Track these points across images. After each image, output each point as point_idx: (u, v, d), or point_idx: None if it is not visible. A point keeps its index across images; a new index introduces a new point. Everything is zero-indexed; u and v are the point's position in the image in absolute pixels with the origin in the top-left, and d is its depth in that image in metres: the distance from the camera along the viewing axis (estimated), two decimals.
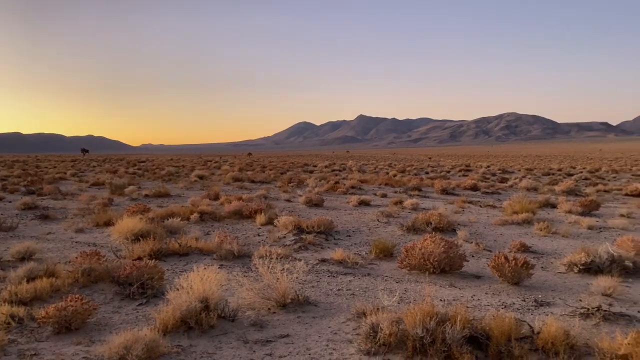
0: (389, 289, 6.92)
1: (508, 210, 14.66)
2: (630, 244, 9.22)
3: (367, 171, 41.85)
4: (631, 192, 22.16)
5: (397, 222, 12.97)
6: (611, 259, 8.00)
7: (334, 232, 11.51)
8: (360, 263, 8.55)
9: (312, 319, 5.74)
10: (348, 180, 27.66)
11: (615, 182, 30.15)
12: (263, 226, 12.22)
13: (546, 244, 10.61)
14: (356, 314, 5.63)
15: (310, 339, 5.14)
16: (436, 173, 39.17)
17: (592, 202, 15.79)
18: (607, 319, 5.62)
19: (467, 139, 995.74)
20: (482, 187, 23.94)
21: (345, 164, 57.80)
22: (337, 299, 6.55)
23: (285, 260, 7.70)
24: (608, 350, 4.46)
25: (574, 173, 39.59)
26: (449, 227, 12.06)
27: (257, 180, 28.37)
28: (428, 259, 7.76)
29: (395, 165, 53.29)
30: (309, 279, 7.44)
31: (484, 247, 10.02)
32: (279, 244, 10.00)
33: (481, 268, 8.36)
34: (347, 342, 5.02)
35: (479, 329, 4.68)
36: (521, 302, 6.45)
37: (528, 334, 4.80)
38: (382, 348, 4.65)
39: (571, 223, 13.30)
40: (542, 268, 8.48)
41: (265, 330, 5.41)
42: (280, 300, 6.02)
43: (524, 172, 41.29)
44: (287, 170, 42.05)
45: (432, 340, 4.45)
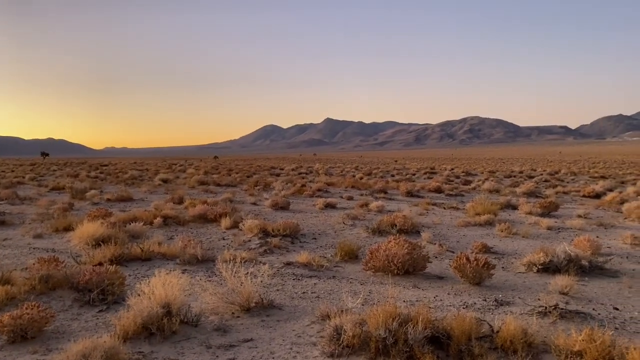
0: (353, 291, 6.96)
1: (471, 212, 14.97)
2: (587, 244, 9.54)
3: (333, 174, 42.01)
4: (588, 193, 22.97)
5: (362, 225, 13.07)
6: (568, 258, 8.25)
7: (300, 235, 11.50)
8: (326, 266, 8.57)
9: (277, 323, 5.72)
10: (315, 183, 27.71)
11: (573, 184, 31.18)
12: (228, 230, 12.11)
13: (507, 245, 10.87)
14: (320, 317, 5.64)
15: (274, 343, 5.12)
16: (402, 176, 39.63)
17: (551, 204, 16.28)
18: (563, 316, 5.79)
19: (432, 142, 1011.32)
20: (446, 190, 24.37)
21: (312, 167, 57.85)
22: (301, 302, 6.55)
23: (250, 264, 7.67)
24: (564, 347, 4.60)
25: (535, 175, 40.73)
26: (414, 229, 12.22)
27: (223, 183, 28.10)
28: (392, 261, 7.84)
29: (361, 168, 53.65)
30: (274, 283, 7.41)
31: (447, 249, 10.20)
32: (244, 248, 9.92)
33: (444, 269, 8.50)
34: (311, 344, 5.02)
35: (440, 329, 4.76)
36: (482, 301, 6.59)
37: (488, 333, 4.91)
38: (346, 350, 4.67)
39: (531, 224, 13.68)
40: (502, 268, 8.68)
41: (228, 334, 5.36)
42: (245, 305, 5.98)
43: (487, 174, 42.21)
44: (254, 173, 41.79)
45: (395, 341, 4.50)
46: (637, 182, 31.40)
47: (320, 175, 37.85)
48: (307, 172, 44.54)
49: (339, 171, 47.76)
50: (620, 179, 35.66)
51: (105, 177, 35.41)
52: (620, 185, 29.42)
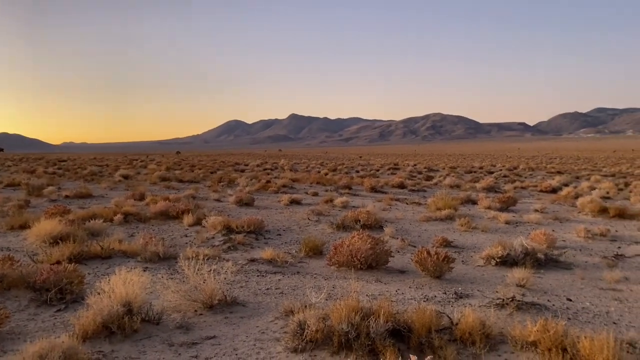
0: (317, 286, 7.01)
1: (432, 207, 15.25)
2: (543, 237, 9.88)
3: (299, 170, 42.03)
4: (545, 188, 23.73)
5: (327, 220, 13.14)
6: (525, 252, 8.54)
7: (264, 232, 11.49)
8: (290, 262, 8.60)
9: (240, 319, 5.72)
10: (280, 179, 27.66)
11: (531, 179, 32.11)
12: (191, 227, 11.97)
13: (467, 239, 11.15)
14: (284, 313, 5.66)
15: (238, 339, 5.11)
16: (366, 172, 39.98)
17: (509, 199, 16.75)
18: (520, 308, 5.98)
19: (396, 138, 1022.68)
20: (409, 185, 24.74)
21: (277, 163, 57.69)
22: (265, 298, 6.56)
23: (213, 261, 7.61)
24: (519, 338, 4.76)
25: (494, 171, 41.77)
26: (377, 224, 12.37)
27: (185, 179, 27.71)
28: (355, 256, 7.93)
29: (326, 164, 53.85)
30: (237, 279, 7.39)
31: (409, 243, 10.38)
32: (207, 245, 9.84)
33: (406, 263, 8.65)
34: (274, 340, 5.04)
35: (401, 322, 4.85)
36: (442, 294, 6.75)
37: (448, 325, 5.03)
38: (309, 345, 4.71)
39: (490, 218, 14.05)
40: (462, 262, 8.90)
41: (191, 332, 5.32)
42: (207, 302, 5.94)
43: (448, 170, 43.04)
44: (217, 169, 41.38)
45: (357, 334, 4.57)
46: (591, 177, 32.63)
47: (286, 171, 37.80)
48: (272, 168, 44.41)
49: (304, 167, 47.82)
50: (575, 174, 36.96)
51: (64, 173, 34.37)
52: (575, 180, 30.53)
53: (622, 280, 7.65)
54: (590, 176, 33.84)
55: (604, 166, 52.96)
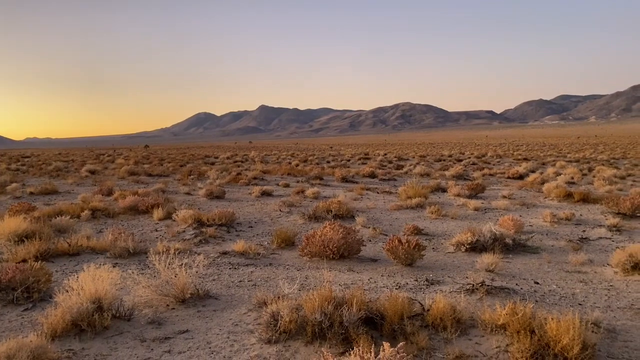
0: (290, 277, 7.02)
1: (403, 196, 15.41)
2: (511, 223, 10.11)
3: (269, 162, 41.85)
4: (512, 175, 24.24)
5: (299, 211, 13.14)
6: (494, 237, 8.72)
7: (235, 224, 11.41)
8: (262, 253, 8.58)
9: (213, 313, 5.68)
10: (250, 171, 27.50)
11: (499, 166, 32.76)
12: (161, 221, 11.81)
13: (437, 226, 11.31)
14: (257, 304, 5.65)
15: (211, 333, 5.08)
16: (337, 162, 40.09)
17: (478, 186, 17.05)
18: (489, 292, 6.12)
19: (366, 128, 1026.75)
20: (380, 174, 24.91)
21: (247, 154, 57.30)
22: (238, 291, 6.53)
23: (184, 255, 7.52)
24: (489, 322, 4.87)
25: (463, 159, 42.41)
26: (349, 214, 12.44)
27: (154, 173, 27.26)
28: (328, 246, 7.96)
29: (297, 155, 53.76)
30: (209, 273, 7.33)
31: (381, 232, 10.47)
32: (178, 239, 9.73)
33: (378, 252, 8.73)
34: (248, 332, 5.03)
35: (374, 310, 4.90)
36: (414, 282, 6.84)
37: (419, 311, 5.11)
38: (283, 335, 4.72)
39: (460, 205, 14.28)
40: (433, 249, 9.04)
41: (163, 327, 5.26)
42: (179, 296, 5.88)
43: (418, 158, 43.54)
44: (187, 162, 40.85)
45: (331, 324, 4.59)
46: (556, 163, 33.46)
47: (256, 163, 37.59)
48: (242, 160, 44.08)
49: (275, 159, 47.64)
50: (541, 161, 37.86)
51: (28, 169, 33.36)
52: (541, 167, 31.27)
53: (586, 263, 7.90)
54: (555, 162, 34.70)
55: (569, 152, 54.40)
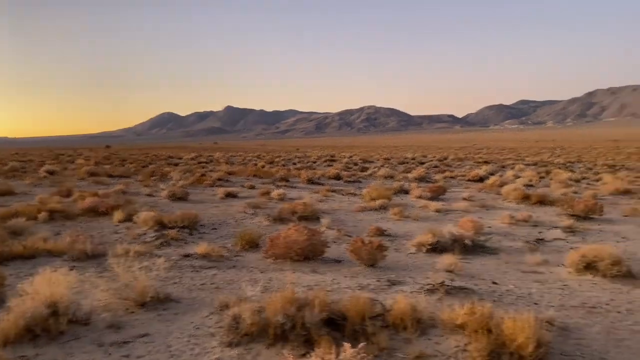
0: (253, 279, 6.98)
1: (367, 198, 15.56)
2: (470, 224, 10.34)
3: (235, 163, 41.53)
4: (473, 177, 24.79)
5: (264, 213, 13.08)
6: (454, 238, 8.92)
7: (198, 226, 11.28)
8: (226, 256, 8.50)
9: (174, 316, 5.60)
10: (215, 172, 27.22)
11: (460, 169, 33.43)
12: (121, 223, 11.56)
13: (399, 227, 11.47)
14: (219, 307, 5.60)
15: (172, 336, 5.01)
16: (303, 164, 40.13)
17: (439, 188, 17.38)
18: (449, 292, 6.23)
19: (332, 130, 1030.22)
20: (345, 176, 25.08)
21: (212, 155, 56.68)
22: (200, 294, 6.45)
23: (145, 258, 7.39)
24: (448, 321, 4.97)
25: (426, 161, 43.13)
26: (314, 216, 12.47)
27: (115, 174, 26.64)
28: (292, 248, 7.97)
29: (263, 157, 53.55)
30: (171, 276, 7.21)
31: (345, 233, 10.54)
32: (139, 241, 9.54)
33: (342, 253, 8.77)
34: (209, 335, 4.98)
35: (336, 311, 4.93)
36: (376, 282, 6.91)
37: (381, 312, 5.16)
38: (245, 338, 4.70)
39: (421, 207, 14.52)
40: (395, 250, 9.16)
41: (122, 331, 5.16)
42: (139, 299, 5.77)
43: (382, 161, 44.01)
44: (150, 163, 40.12)
45: (293, 325, 4.60)
46: (515, 166, 34.42)
47: (221, 165, 37.23)
48: (207, 162, 43.57)
49: (241, 160, 47.31)
50: (500, 164, 38.85)
51: None
52: (500, 170, 32.08)
53: (542, 263, 8.15)
54: (514, 165, 35.69)
55: (527, 156, 56.04)
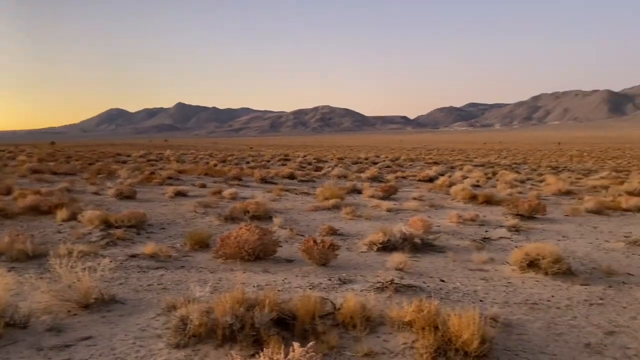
0: (202, 279, 6.85)
1: (320, 197, 15.61)
2: (420, 224, 10.55)
3: (186, 161, 40.75)
4: (423, 177, 25.31)
5: (215, 212, 12.90)
6: (404, 237, 9.07)
7: (146, 226, 10.99)
8: (174, 256, 8.33)
9: (119, 318, 5.43)
10: (165, 170, 26.61)
11: (411, 169, 34.09)
12: (65, 222, 11.11)
13: (352, 227, 11.56)
14: (166, 308, 5.47)
15: (116, 339, 4.85)
16: (257, 162, 39.83)
17: (391, 188, 17.65)
18: (398, 290, 6.34)
19: (287, 129, 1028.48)
20: (299, 176, 25.08)
21: (162, 153, 55.40)
22: (147, 295, 6.28)
23: (89, 258, 7.16)
24: (397, 319, 5.05)
25: (378, 162, 43.71)
26: (266, 215, 12.40)
27: (60, 172, 25.58)
28: (243, 247, 7.89)
29: (216, 155, 52.79)
30: (116, 276, 6.99)
31: (297, 232, 10.53)
32: (84, 241, 9.20)
33: (294, 252, 8.76)
34: (156, 337, 4.86)
35: (286, 310, 4.91)
36: (327, 281, 6.94)
37: (331, 310, 5.19)
38: (192, 339, 4.61)
39: (373, 207, 14.70)
40: (347, 249, 9.23)
41: (63, 334, 4.95)
42: (82, 301, 5.56)
43: (336, 161, 44.27)
44: (97, 160, 38.78)
45: (242, 326, 4.54)
46: (464, 167, 35.39)
47: (172, 163, 36.44)
48: (157, 159, 42.53)
49: (192, 158, 46.47)
50: (450, 165, 39.86)
51: None
52: (450, 170, 32.90)
53: (488, 261, 8.41)
54: (463, 166, 36.69)
55: (475, 157, 57.77)
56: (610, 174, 30.14)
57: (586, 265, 7.86)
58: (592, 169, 37.48)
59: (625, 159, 59.65)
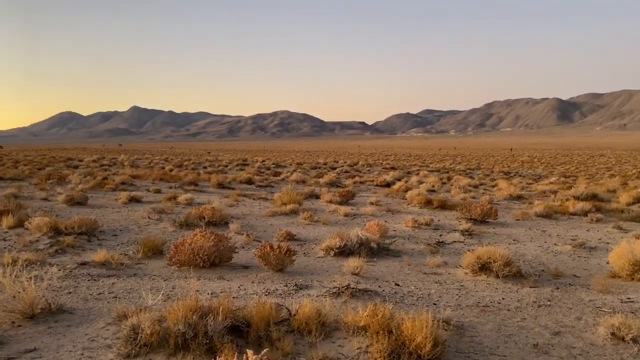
0: (155, 287, 6.71)
1: (278, 202, 15.56)
2: (376, 228, 10.66)
3: (140, 166, 39.79)
4: (380, 183, 25.61)
5: (170, 218, 12.66)
6: (360, 242, 9.14)
7: (98, 232, 10.67)
8: (127, 263, 8.11)
9: (67, 328, 5.24)
10: (118, 175, 25.90)
11: (369, 175, 34.41)
12: (11, 229, 10.65)
13: (309, 232, 11.58)
14: (117, 318, 5.32)
15: (63, 350, 4.68)
16: (214, 167, 39.29)
17: (349, 193, 17.78)
18: (354, 295, 6.38)
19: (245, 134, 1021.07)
20: (257, 181, 24.91)
21: (116, 158, 53.92)
22: (97, 304, 6.09)
23: (36, 267, 6.88)
24: (352, 323, 5.08)
25: (337, 167, 43.90)
26: (223, 221, 12.26)
27: (6, 177, 24.52)
28: (198, 254, 7.77)
29: (172, 160, 51.76)
30: (65, 285, 6.76)
31: (254, 238, 10.46)
32: (30, 249, 8.84)
33: (250, 258, 8.70)
34: (106, 347, 4.71)
35: (241, 317, 4.87)
36: (284, 287, 6.91)
37: (286, 317, 5.17)
38: (144, 349, 4.50)
39: (331, 211, 14.76)
40: (304, 254, 9.23)
41: (7, 346, 4.74)
42: (28, 312, 5.34)
43: (295, 166, 44.22)
44: (47, 165, 37.37)
45: (195, 334, 4.47)
46: (420, 172, 36.02)
47: (125, 168, 35.51)
48: (110, 164, 41.35)
49: (147, 163, 45.43)
50: (407, 170, 40.47)
51: None
52: (406, 175, 33.42)
53: (442, 265, 8.58)
54: (419, 171, 37.34)
55: (431, 162, 58.96)
56: (558, 179, 31.37)
57: (535, 268, 8.16)
58: (542, 174, 38.92)
59: (573, 164, 62.30)
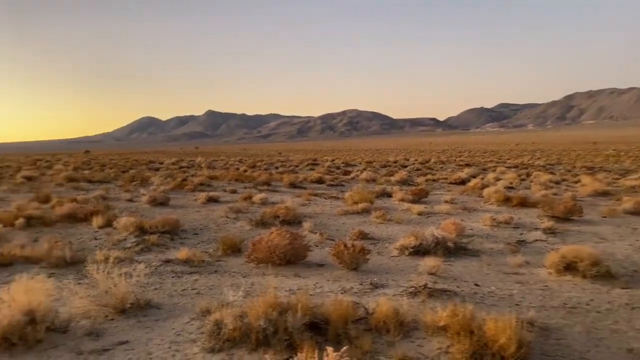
0: (235, 284, 6.92)
1: (349, 201, 15.57)
2: (452, 227, 10.41)
3: (217, 167, 41.23)
4: (454, 180, 24.98)
5: (246, 217, 13.01)
6: (436, 241, 8.95)
7: (180, 231, 11.16)
8: (207, 261, 8.43)
9: (155, 322, 5.52)
10: (197, 177, 26.98)
11: (442, 172, 33.65)
12: (101, 229, 11.38)
13: (382, 231, 11.49)
14: (201, 313, 5.54)
15: (152, 343, 4.94)
16: (285, 167, 40.00)
17: (421, 191, 17.47)
18: (431, 295, 6.26)
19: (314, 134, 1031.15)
20: (327, 180, 25.06)
21: (194, 160, 56.22)
22: (181, 300, 6.38)
23: (125, 264, 7.30)
24: (431, 324, 4.99)
25: (408, 165, 43.32)
26: (296, 220, 12.44)
27: (95, 180, 26.26)
28: (274, 252, 7.93)
29: (245, 161, 53.25)
30: (151, 282, 7.12)
31: (327, 237, 10.53)
32: (119, 247, 9.40)
33: (324, 257, 8.76)
34: (191, 341, 4.92)
35: (319, 315, 4.91)
36: (359, 286, 6.90)
37: (364, 315, 5.17)
38: (227, 344, 4.65)
39: (404, 210, 14.57)
40: (378, 253, 9.17)
41: (102, 338, 5.07)
42: (119, 306, 5.68)
43: (365, 165, 44.07)
44: (130, 168, 39.61)
45: (275, 330, 4.56)
46: (496, 168, 34.78)
47: (203, 169, 36.95)
48: (188, 166, 43.18)
49: (223, 164, 46.99)
50: (482, 167, 39.21)
51: None
52: (482, 172, 32.36)
53: (523, 265, 8.23)
54: (495, 168, 36.06)
55: (508, 158, 56.71)
56: None
57: (627, 268, 7.63)
58: (630, 169, 36.32)
59: None
